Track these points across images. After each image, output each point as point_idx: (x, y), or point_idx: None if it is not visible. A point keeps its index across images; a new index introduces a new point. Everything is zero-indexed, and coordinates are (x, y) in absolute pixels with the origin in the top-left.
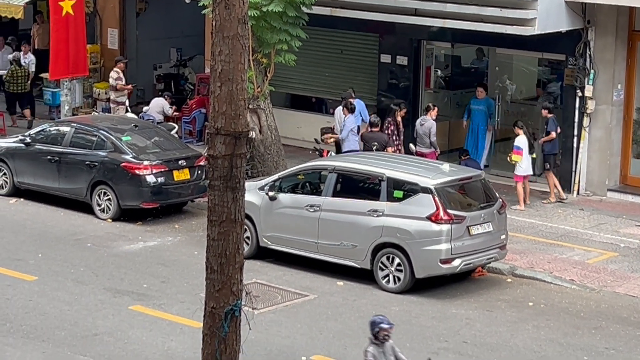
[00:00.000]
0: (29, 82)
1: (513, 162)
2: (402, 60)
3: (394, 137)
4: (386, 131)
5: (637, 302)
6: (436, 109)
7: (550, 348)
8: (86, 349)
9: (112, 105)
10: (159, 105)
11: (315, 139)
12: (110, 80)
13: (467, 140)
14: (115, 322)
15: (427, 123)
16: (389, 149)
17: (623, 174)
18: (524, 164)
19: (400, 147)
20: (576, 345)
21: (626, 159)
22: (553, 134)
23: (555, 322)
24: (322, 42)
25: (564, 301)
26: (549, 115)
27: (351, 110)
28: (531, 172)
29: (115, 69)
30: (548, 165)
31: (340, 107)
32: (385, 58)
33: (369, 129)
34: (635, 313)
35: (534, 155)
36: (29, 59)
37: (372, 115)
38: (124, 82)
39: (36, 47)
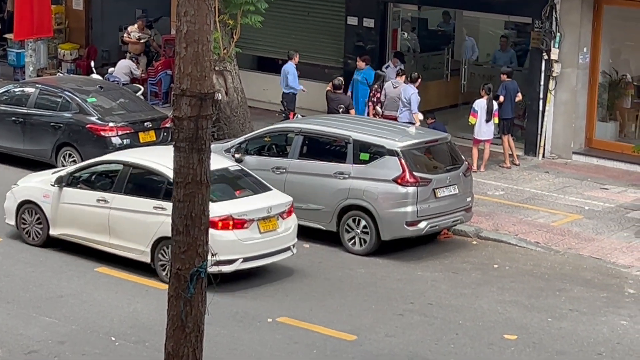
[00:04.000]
0: None
1: (470, 125)
2: (368, 22)
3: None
4: (373, 98)
5: (601, 264)
6: (419, 80)
7: (515, 310)
8: (51, 311)
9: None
10: (125, 67)
11: (282, 101)
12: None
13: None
14: (80, 284)
15: (400, 86)
16: (352, 111)
17: (588, 137)
18: (482, 127)
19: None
20: (540, 307)
21: (591, 122)
22: (501, 98)
23: (519, 284)
24: (288, 4)
25: (528, 263)
26: (506, 80)
27: (413, 80)
28: (490, 137)
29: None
30: (503, 130)
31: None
32: (352, 20)
33: (333, 91)
34: (599, 275)
35: (496, 121)
36: None
37: (337, 78)
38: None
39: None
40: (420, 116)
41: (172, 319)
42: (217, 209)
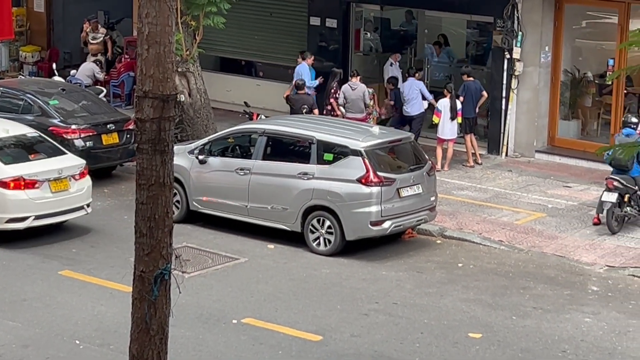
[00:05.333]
0: None
1: (434, 124)
2: (331, 22)
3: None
4: (334, 95)
5: (565, 261)
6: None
7: (479, 308)
8: (15, 315)
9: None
10: (89, 70)
11: (245, 102)
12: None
13: None
14: (44, 287)
15: (360, 87)
16: (315, 111)
17: (550, 135)
18: (445, 126)
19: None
20: (504, 306)
21: (554, 121)
22: (461, 98)
23: (484, 283)
24: (251, 5)
25: (492, 262)
26: (467, 80)
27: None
28: (454, 136)
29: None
30: (466, 129)
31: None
32: (315, 21)
33: (295, 92)
34: (563, 273)
35: (459, 120)
36: None
37: (298, 78)
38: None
39: None
40: (425, 104)
41: (136, 322)
42: (9, 171)
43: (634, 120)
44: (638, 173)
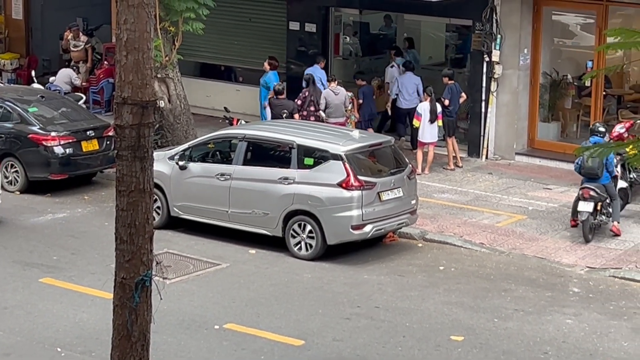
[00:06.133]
0: None
1: (414, 128)
2: (310, 27)
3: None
4: (310, 98)
5: (545, 263)
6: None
7: (461, 311)
8: None
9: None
10: (66, 76)
11: (225, 107)
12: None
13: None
14: (25, 295)
15: (342, 92)
16: (296, 115)
17: (530, 137)
18: (425, 130)
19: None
20: (486, 308)
21: (533, 123)
22: (446, 102)
23: (465, 286)
24: (230, 10)
25: (474, 264)
26: (449, 83)
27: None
28: (434, 139)
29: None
30: (449, 132)
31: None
32: (294, 25)
33: (275, 97)
34: (544, 274)
35: (440, 123)
36: None
37: (277, 83)
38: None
39: None
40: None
41: (117, 329)
42: None
43: (602, 129)
44: (607, 180)
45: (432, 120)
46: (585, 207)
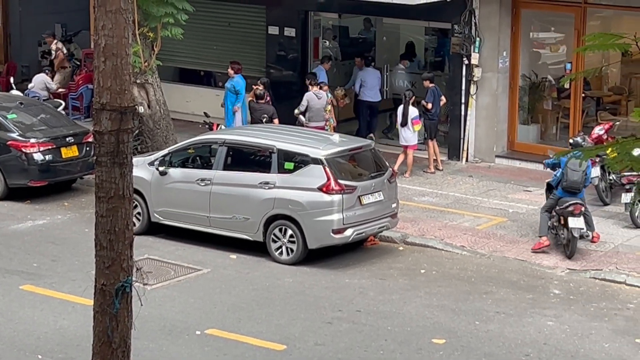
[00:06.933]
0: None
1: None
2: (289, 31)
3: None
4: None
5: (526, 265)
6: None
7: (443, 314)
8: None
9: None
10: (41, 82)
11: (205, 113)
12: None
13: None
14: (5, 302)
15: (324, 96)
16: (275, 120)
17: (510, 140)
18: (405, 134)
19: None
20: (468, 311)
21: (513, 126)
22: (429, 105)
23: (447, 289)
24: (209, 15)
25: (455, 267)
26: (430, 86)
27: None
28: (414, 142)
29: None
30: (431, 135)
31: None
32: (273, 30)
33: (255, 101)
34: (525, 277)
35: (417, 128)
36: None
37: (257, 88)
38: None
39: None
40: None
41: (98, 335)
42: None
43: (580, 141)
44: (583, 194)
45: (402, 124)
46: (577, 223)
